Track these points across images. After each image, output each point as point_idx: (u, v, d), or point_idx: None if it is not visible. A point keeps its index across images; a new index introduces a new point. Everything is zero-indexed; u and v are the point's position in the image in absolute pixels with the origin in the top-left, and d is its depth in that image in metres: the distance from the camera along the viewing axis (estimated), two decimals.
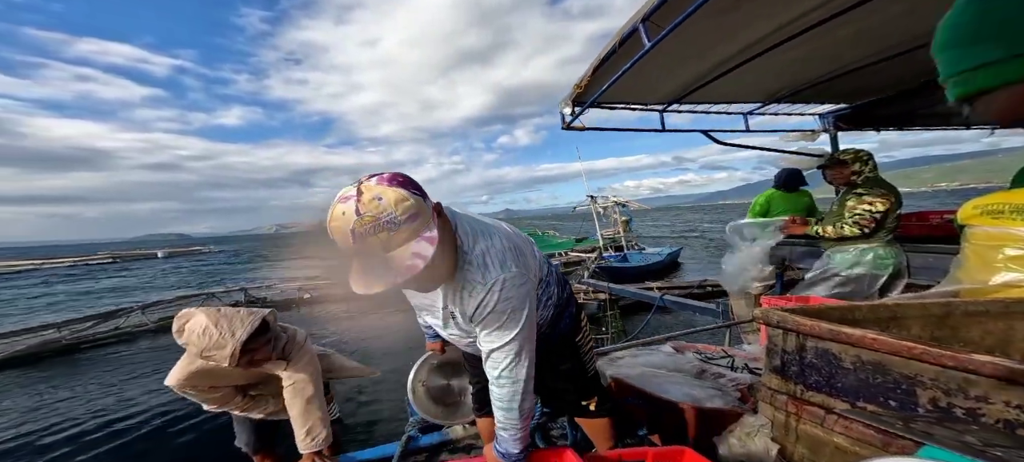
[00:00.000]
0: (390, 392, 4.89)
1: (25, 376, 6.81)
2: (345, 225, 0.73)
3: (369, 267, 0.76)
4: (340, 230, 0.74)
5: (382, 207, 0.73)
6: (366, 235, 0.73)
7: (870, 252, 2.21)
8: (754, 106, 2.99)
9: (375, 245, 0.74)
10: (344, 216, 0.74)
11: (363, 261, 0.76)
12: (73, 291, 20.10)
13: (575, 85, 2.12)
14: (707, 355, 2.83)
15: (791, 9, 1.75)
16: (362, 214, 0.73)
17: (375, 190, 0.75)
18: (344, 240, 0.74)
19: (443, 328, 1.08)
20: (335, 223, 0.75)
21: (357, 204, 0.73)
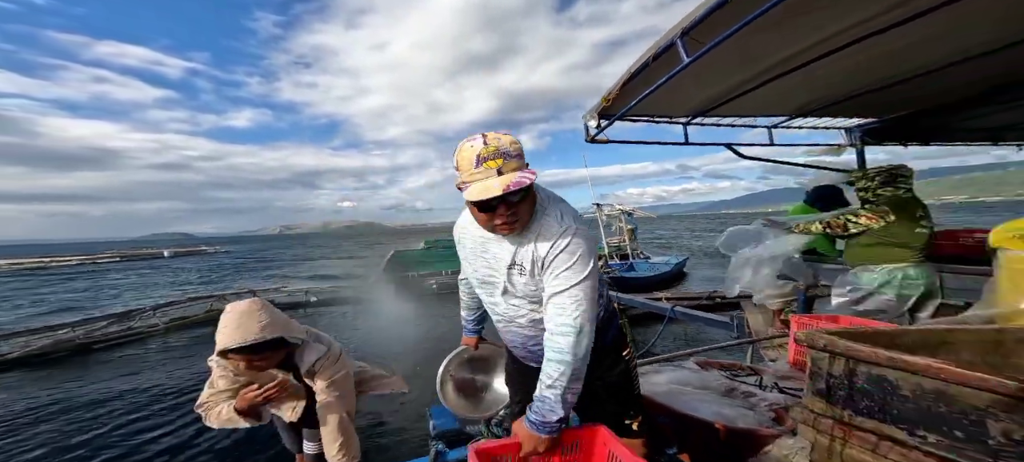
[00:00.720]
0: (400, 402, 4.85)
1: (40, 375, 6.86)
2: (472, 152, 0.98)
3: (486, 185, 0.96)
4: (467, 156, 0.99)
5: (501, 142, 1.00)
6: (488, 158, 0.97)
7: (898, 272, 2.17)
8: (779, 119, 2.96)
9: (492, 167, 0.97)
10: (472, 147, 0.99)
11: (481, 181, 0.98)
12: (90, 287, 20.29)
13: (603, 98, 2.11)
14: (733, 372, 2.78)
15: (828, 28, 1.73)
16: (487, 144, 0.98)
17: (495, 134, 1.01)
18: (468, 163, 0.99)
19: (500, 297, 1.18)
20: (464, 153, 1.00)
21: (484, 139, 0.99)
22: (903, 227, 2.15)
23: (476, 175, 0.98)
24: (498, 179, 0.95)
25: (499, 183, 0.94)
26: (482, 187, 0.95)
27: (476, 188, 0.96)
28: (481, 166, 0.97)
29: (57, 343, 7.79)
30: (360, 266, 23.94)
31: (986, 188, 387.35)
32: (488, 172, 0.97)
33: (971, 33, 1.83)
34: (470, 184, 0.98)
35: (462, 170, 1.00)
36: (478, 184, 0.97)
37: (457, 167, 1.02)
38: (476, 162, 0.97)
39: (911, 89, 2.45)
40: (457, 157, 1.02)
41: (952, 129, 3.27)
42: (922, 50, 2.00)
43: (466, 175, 0.99)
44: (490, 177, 0.96)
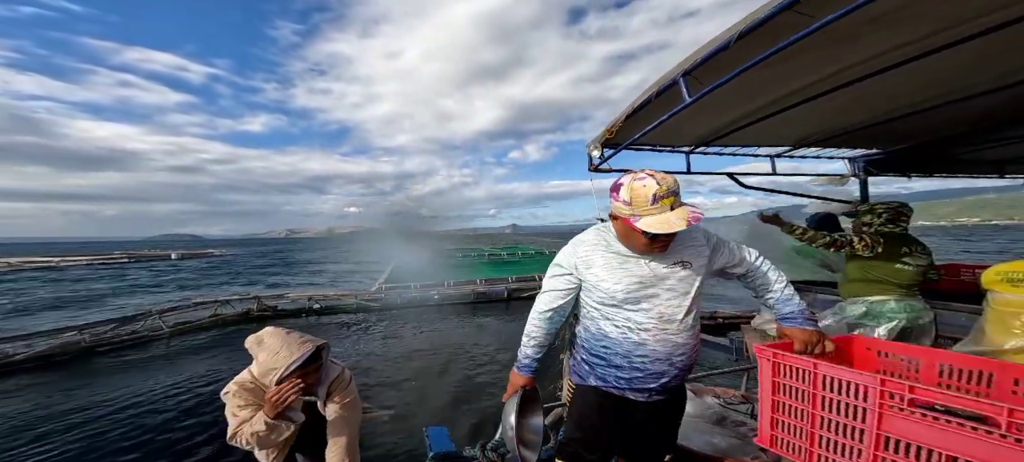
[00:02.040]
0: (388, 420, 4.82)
1: (45, 378, 6.93)
2: (647, 191, 1.17)
3: (665, 219, 1.15)
4: (642, 194, 1.18)
5: (669, 182, 1.20)
6: (663, 197, 1.17)
7: (879, 305, 2.22)
8: (782, 149, 2.98)
9: (666, 204, 1.17)
10: (645, 186, 1.18)
11: (658, 215, 1.16)
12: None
13: (606, 129, 2.15)
14: (726, 400, 2.76)
15: (829, 67, 1.76)
16: (660, 184, 1.18)
17: (661, 175, 1.21)
18: (644, 200, 1.17)
19: (663, 301, 1.31)
20: (638, 191, 1.19)
21: (655, 180, 1.18)
22: (883, 262, 2.21)
23: (652, 210, 1.16)
24: (675, 214, 1.16)
25: (680, 218, 1.15)
26: (662, 221, 1.15)
27: (655, 222, 1.15)
28: (657, 203, 1.16)
29: (64, 346, 7.89)
30: (363, 274, 24.06)
31: (1000, 211, 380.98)
32: (663, 208, 1.16)
33: (976, 70, 1.84)
34: (642, 217, 1.17)
35: (636, 205, 1.18)
36: (654, 218, 1.16)
37: (628, 201, 1.20)
38: (652, 200, 1.16)
39: (915, 122, 2.46)
40: (629, 194, 1.20)
41: (957, 161, 3.27)
42: (926, 86, 2.02)
43: (640, 209, 1.17)
44: (665, 212, 1.16)
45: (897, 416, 0.99)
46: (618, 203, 1.23)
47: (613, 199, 1.27)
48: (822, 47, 1.55)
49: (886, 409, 1.00)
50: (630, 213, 1.19)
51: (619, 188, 1.24)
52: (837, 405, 1.09)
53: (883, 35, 1.52)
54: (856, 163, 3.27)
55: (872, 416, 1.02)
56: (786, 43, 1.31)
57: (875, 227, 2.26)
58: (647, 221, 1.16)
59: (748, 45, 1.38)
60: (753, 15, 1.31)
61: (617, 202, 1.24)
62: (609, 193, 1.31)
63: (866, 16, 1.28)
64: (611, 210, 1.29)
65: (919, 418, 0.95)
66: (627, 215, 1.20)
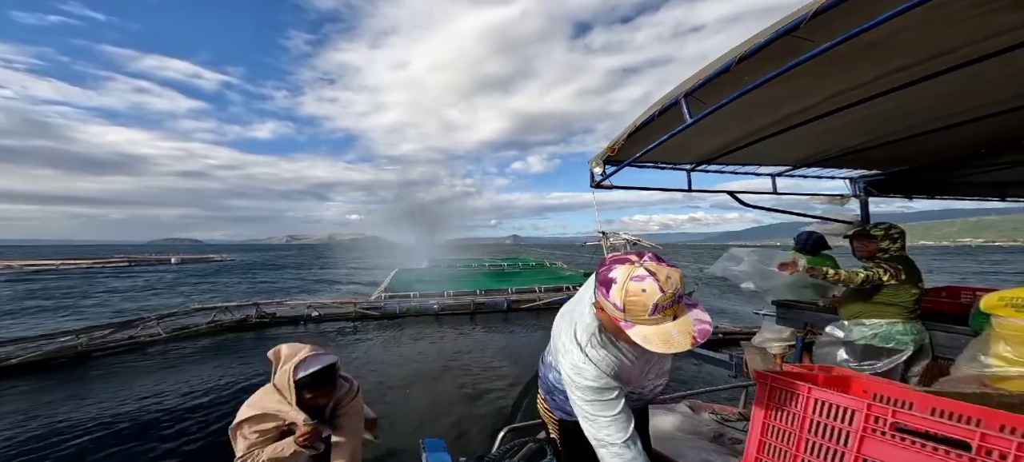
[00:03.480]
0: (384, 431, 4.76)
1: (41, 382, 6.87)
2: (649, 299, 0.93)
3: (665, 334, 0.94)
4: (642, 303, 0.94)
5: (675, 284, 0.95)
6: (665, 306, 0.94)
7: (891, 327, 2.21)
8: (783, 168, 2.99)
9: (668, 314, 0.95)
10: (646, 292, 0.94)
11: (656, 327, 0.95)
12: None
13: (608, 146, 2.17)
14: (724, 417, 2.72)
15: (829, 89, 1.78)
16: (665, 291, 0.93)
17: (666, 270, 0.96)
18: (642, 309, 0.94)
19: (650, 379, 1.30)
20: (636, 298, 0.94)
21: (658, 283, 0.93)
22: (903, 287, 2.20)
23: (649, 321, 0.95)
24: (677, 328, 0.94)
25: (683, 334, 0.93)
26: (662, 336, 0.93)
27: (654, 337, 0.94)
28: (657, 313, 0.94)
29: (60, 349, 7.84)
30: (363, 283, 24.01)
31: (1003, 232, 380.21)
32: (665, 318, 0.95)
33: (976, 94, 1.86)
34: (637, 326, 0.96)
35: (631, 313, 0.95)
36: (652, 330, 0.94)
37: (622, 307, 0.96)
38: (652, 310, 0.93)
39: (916, 144, 2.48)
40: (622, 298, 0.95)
41: (958, 183, 3.28)
42: (926, 109, 2.04)
43: (635, 318, 0.95)
44: (666, 322, 0.95)
45: (877, 440, 1.03)
46: (607, 302, 1.00)
47: (601, 293, 1.02)
48: (822, 70, 1.58)
49: (867, 433, 1.04)
50: (621, 318, 0.98)
51: (610, 285, 0.98)
52: (824, 428, 1.12)
53: (883, 59, 1.54)
54: (857, 183, 3.28)
55: (855, 439, 1.05)
56: (786, 67, 1.33)
57: (891, 253, 2.25)
58: (643, 332, 0.95)
59: (749, 67, 1.40)
60: (755, 39, 1.33)
61: (606, 300, 1.00)
62: (597, 285, 1.05)
63: (865, 41, 1.30)
64: (596, 299, 1.06)
65: (896, 442, 0.99)
66: (618, 319, 0.99)
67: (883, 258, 2.27)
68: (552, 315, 1.39)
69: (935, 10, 1.17)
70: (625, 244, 13.96)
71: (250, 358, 8.40)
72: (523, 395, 5.80)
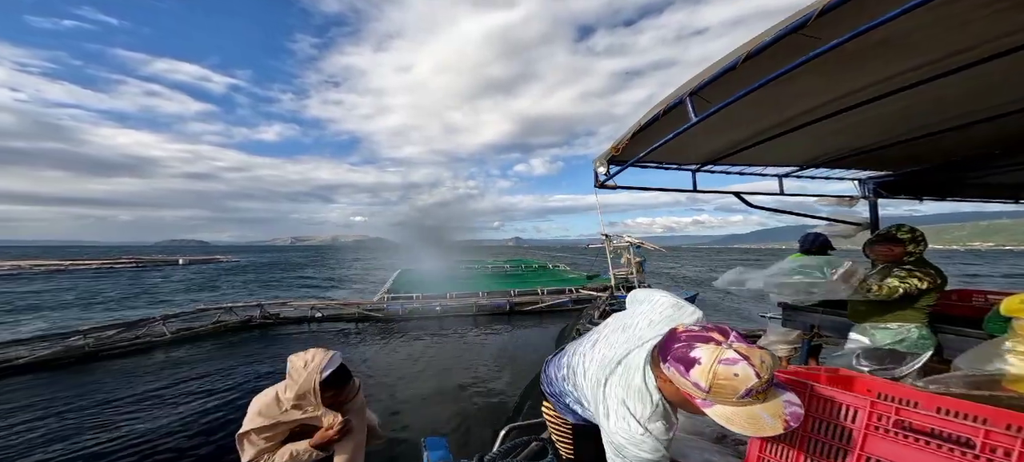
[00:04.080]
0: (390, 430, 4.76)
1: (48, 381, 6.94)
2: (742, 385, 0.88)
3: (749, 415, 0.90)
4: (733, 387, 0.89)
5: (770, 369, 0.90)
6: (760, 390, 0.89)
7: (914, 332, 2.15)
8: (790, 169, 2.96)
9: (760, 399, 0.90)
10: (738, 377, 0.88)
11: (744, 408, 0.90)
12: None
13: (612, 146, 2.16)
14: None
15: (838, 88, 1.76)
16: (761, 377, 0.88)
17: (759, 354, 0.91)
18: (731, 394, 0.89)
19: None
20: (726, 382, 0.89)
21: (754, 368, 0.88)
22: (931, 293, 2.13)
23: (737, 404, 0.90)
24: (766, 410, 0.89)
25: (775, 419, 0.89)
26: (750, 421, 0.89)
27: (740, 418, 0.89)
28: (748, 397, 0.89)
29: (67, 349, 7.91)
30: (366, 284, 24.07)
31: (1015, 235, 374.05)
32: (752, 403, 0.90)
33: (989, 93, 1.83)
34: (719, 406, 0.91)
35: (716, 395, 0.90)
36: (738, 411, 0.90)
37: (706, 389, 0.91)
38: (744, 394, 0.88)
39: (927, 145, 2.44)
40: (708, 381, 0.90)
41: (969, 185, 3.23)
42: (937, 109, 2.01)
43: (720, 400, 0.91)
44: (755, 405, 0.90)
45: (880, 438, 1.02)
46: (684, 380, 0.93)
47: (676, 371, 0.95)
48: (830, 69, 1.56)
49: (870, 430, 1.04)
50: (701, 397, 0.92)
51: (691, 364, 0.92)
52: (827, 427, 1.12)
53: (892, 58, 1.52)
54: (866, 185, 3.24)
55: (858, 436, 1.04)
56: (793, 65, 1.32)
57: (917, 256, 2.17)
58: (726, 413, 0.90)
59: (755, 66, 1.38)
60: (760, 37, 1.32)
61: (682, 378, 0.94)
62: (668, 360, 0.98)
63: (873, 40, 1.29)
64: (667, 372, 0.98)
65: (900, 440, 0.99)
66: (694, 396, 0.93)
67: (909, 261, 2.17)
68: (555, 317, 1.38)
69: (943, 9, 1.15)
70: (628, 246, 13.87)
71: (255, 358, 8.44)
72: (525, 396, 5.78)
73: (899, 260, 2.19)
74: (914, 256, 2.16)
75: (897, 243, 2.20)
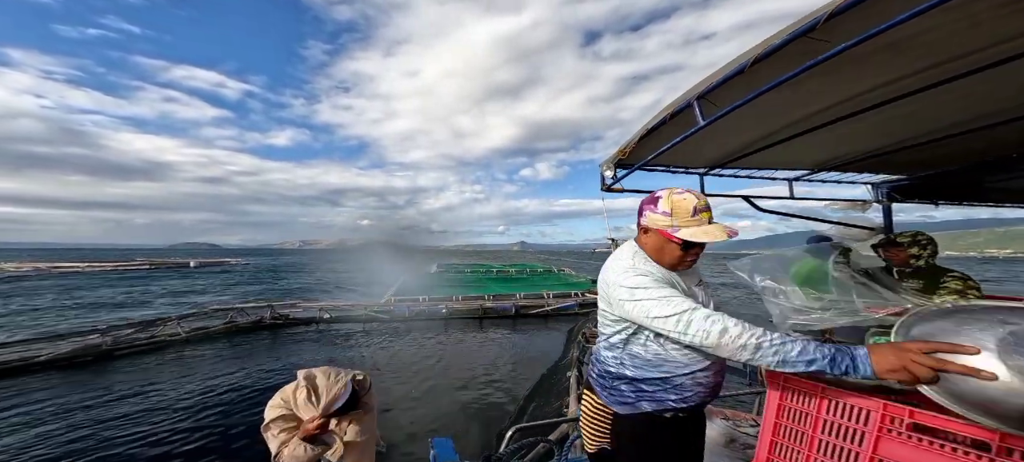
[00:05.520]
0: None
1: (67, 379, 7.11)
2: (688, 204, 1.25)
3: (707, 230, 1.23)
4: (684, 207, 1.25)
5: (705, 198, 1.29)
6: (702, 210, 1.26)
7: None
8: (801, 173, 2.93)
9: (705, 218, 1.25)
10: (684, 199, 1.26)
11: (697, 227, 1.23)
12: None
13: (619, 150, 2.16)
14: (736, 422, 2.65)
15: (849, 91, 1.75)
16: (699, 199, 1.27)
17: (695, 191, 1.30)
18: (686, 213, 1.24)
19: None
20: (679, 203, 1.26)
21: (694, 196, 1.27)
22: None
23: (692, 222, 1.23)
24: (715, 228, 1.23)
25: (719, 230, 1.21)
26: (703, 232, 1.22)
27: (698, 232, 1.21)
28: (697, 216, 1.24)
29: (87, 348, 8.11)
30: (373, 285, 24.24)
31: None
32: (702, 221, 1.24)
33: (1006, 95, 1.80)
34: (682, 228, 1.23)
35: (677, 216, 1.24)
36: (696, 229, 1.22)
37: (670, 212, 1.25)
38: (693, 212, 1.24)
39: (942, 148, 2.38)
40: (670, 205, 1.26)
41: (987, 189, 3.15)
42: (952, 111, 1.97)
43: (681, 221, 1.24)
44: (703, 225, 1.24)
45: (893, 440, 1.02)
46: (655, 214, 1.27)
47: (648, 211, 1.30)
48: (841, 72, 1.55)
49: (883, 433, 1.03)
50: (668, 225, 1.24)
51: (657, 200, 1.29)
52: (838, 429, 1.12)
53: (904, 60, 1.50)
54: (879, 189, 3.18)
55: (870, 439, 1.04)
56: (801, 69, 1.31)
57: (925, 260, 2.15)
58: (689, 231, 1.21)
59: (764, 70, 1.38)
60: (769, 41, 1.32)
61: (654, 213, 1.28)
62: (641, 207, 1.33)
63: (884, 42, 1.28)
64: (644, 222, 1.32)
65: (914, 443, 0.98)
66: (664, 226, 1.25)
67: (922, 266, 2.14)
68: (560, 321, 1.40)
69: (955, 10, 1.14)
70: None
71: (265, 358, 8.55)
72: (530, 397, 5.77)
73: (906, 263, 2.18)
74: (921, 258, 2.13)
75: (898, 247, 2.20)
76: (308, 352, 9.33)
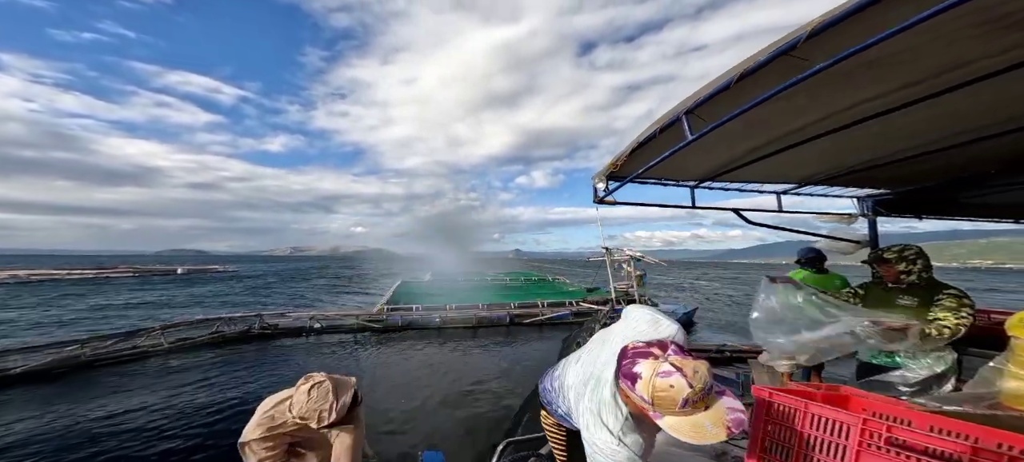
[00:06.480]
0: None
1: (44, 392, 6.85)
2: (678, 395, 0.95)
3: (693, 423, 0.95)
4: (671, 399, 0.95)
5: (703, 378, 0.96)
6: (696, 400, 0.95)
7: (949, 357, 2.05)
8: (788, 186, 2.99)
9: (700, 406, 0.96)
10: (674, 388, 0.95)
11: (687, 418, 0.96)
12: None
13: (611, 162, 2.19)
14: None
15: (831, 107, 1.80)
16: (693, 386, 0.94)
17: (692, 364, 0.97)
18: (672, 405, 0.95)
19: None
20: (664, 394, 0.96)
21: (686, 378, 0.95)
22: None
23: (680, 413, 0.96)
24: (710, 419, 0.95)
25: (717, 426, 0.94)
26: (695, 428, 0.94)
27: (687, 428, 0.95)
28: (687, 407, 0.95)
29: (65, 359, 7.85)
30: (365, 296, 23.95)
31: (1015, 254, 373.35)
32: (696, 410, 0.96)
33: (991, 111, 1.85)
34: (667, 417, 0.97)
35: (659, 406, 0.97)
36: (685, 421, 0.96)
37: (650, 402, 0.98)
38: (682, 404, 0.95)
39: (925, 163, 2.45)
40: (649, 393, 0.97)
41: (970, 204, 3.23)
42: (931, 127, 2.03)
43: (664, 411, 0.97)
44: (697, 413, 0.96)
45: (872, 454, 1.05)
46: (632, 395, 1.02)
47: (626, 386, 1.03)
48: (824, 89, 1.59)
49: (863, 447, 1.06)
50: (650, 409, 0.99)
51: (635, 379, 1.00)
52: (821, 444, 1.15)
53: (885, 77, 1.55)
54: (865, 202, 3.25)
55: (851, 453, 1.07)
56: (784, 85, 1.35)
57: (917, 274, 2.13)
58: (674, 423, 0.96)
59: (749, 86, 1.42)
60: (753, 57, 1.36)
61: (631, 393, 1.02)
62: (619, 377, 1.06)
63: (865, 60, 1.32)
64: (620, 386, 1.07)
65: (892, 457, 1.02)
66: (645, 408, 1.01)
67: (916, 281, 2.11)
68: (555, 330, 1.39)
69: (933, 31, 1.19)
70: (629, 259, 13.89)
71: (253, 370, 8.36)
72: (523, 410, 5.70)
73: (897, 279, 2.16)
74: (912, 274, 2.12)
75: (886, 263, 2.19)
76: (298, 363, 9.13)
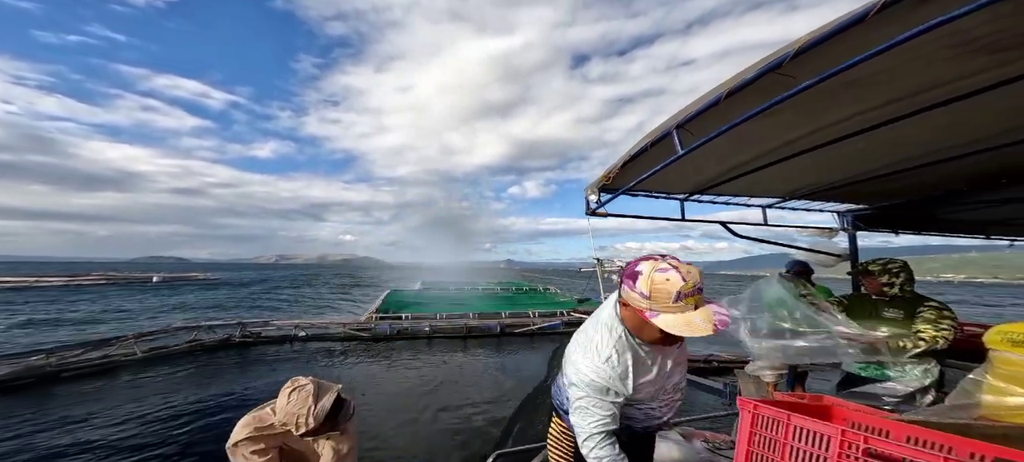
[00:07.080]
0: None
1: (5, 403, 6.47)
2: (672, 287, 1.03)
3: (688, 321, 1.02)
4: (666, 291, 1.03)
5: (696, 277, 1.05)
6: (687, 295, 1.02)
7: (933, 369, 2.08)
8: (773, 200, 3.08)
9: (690, 303, 1.03)
10: (669, 281, 1.03)
11: (680, 314, 1.03)
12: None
13: (603, 175, 2.22)
14: (715, 445, 2.67)
15: (814, 124, 1.86)
16: (686, 281, 1.03)
17: (686, 266, 1.06)
18: (666, 297, 1.03)
19: (670, 381, 1.32)
20: (661, 286, 1.04)
21: (680, 274, 1.03)
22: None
23: (673, 308, 1.03)
24: (700, 316, 1.02)
25: (705, 321, 1.01)
26: (685, 323, 1.01)
27: (678, 323, 1.02)
28: (680, 301, 1.02)
29: (29, 369, 7.45)
30: (354, 303, 23.52)
31: (985, 269, 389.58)
32: (686, 306, 1.03)
33: (963, 131, 1.94)
34: (662, 314, 1.04)
35: (656, 301, 1.04)
36: (676, 318, 1.03)
37: (647, 295, 1.05)
38: (675, 297, 1.02)
39: (901, 180, 2.56)
40: (648, 286, 1.05)
41: (942, 220, 3.38)
42: (907, 145, 2.12)
43: (660, 306, 1.04)
44: (688, 310, 1.03)
45: None
46: (633, 293, 1.09)
47: (627, 287, 1.11)
48: (807, 106, 1.65)
49: (842, 458, 1.10)
50: (647, 307, 1.06)
51: (636, 277, 1.08)
52: (803, 455, 1.19)
53: (864, 96, 1.62)
54: (845, 217, 3.37)
55: None
56: (769, 103, 1.40)
57: (899, 287, 2.14)
58: (668, 320, 1.03)
59: (736, 103, 1.47)
60: (741, 75, 1.40)
61: (632, 292, 1.09)
62: (622, 278, 1.15)
63: (846, 79, 1.38)
64: (623, 297, 1.15)
65: None
66: (643, 308, 1.07)
67: (899, 293, 2.13)
68: (545, 340, 1.39)
69: (911, 52, 1.25)
70: (620, 270, 13.87)
71: (232, 381, 8.06)
72: (513, 420, 5.62)
73: (880, 291, 2.19)
74: (894, 286, 2.14)
75: (869, 275, 2.22)
76: (282, 373, 8.85)
